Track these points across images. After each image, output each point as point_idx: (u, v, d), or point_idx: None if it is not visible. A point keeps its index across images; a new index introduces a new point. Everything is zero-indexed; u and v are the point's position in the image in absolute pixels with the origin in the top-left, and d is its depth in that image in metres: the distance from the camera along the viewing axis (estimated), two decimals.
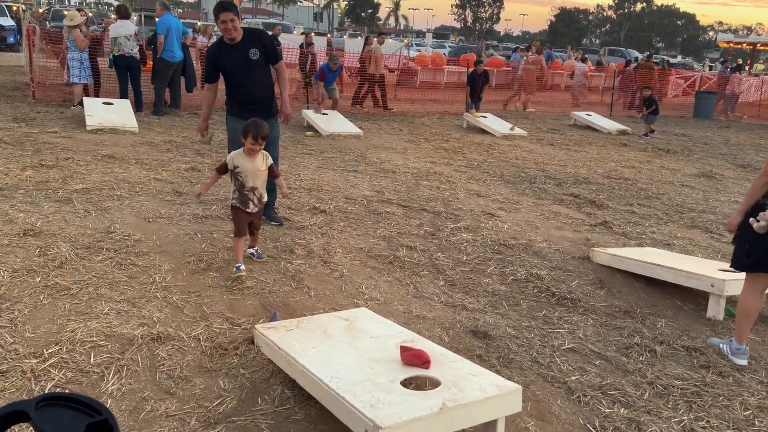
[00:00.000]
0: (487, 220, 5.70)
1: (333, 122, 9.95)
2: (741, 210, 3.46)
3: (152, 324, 3.20)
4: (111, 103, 9.01)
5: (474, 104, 12.78)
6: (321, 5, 66.52)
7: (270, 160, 4.08)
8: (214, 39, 10.95)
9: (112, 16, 14.46)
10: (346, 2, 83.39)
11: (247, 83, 4.67)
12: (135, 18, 17.44)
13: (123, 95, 9.77)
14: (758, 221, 3.24)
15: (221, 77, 4.73)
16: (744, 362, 3.45)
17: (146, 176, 6.03)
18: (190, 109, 10.56)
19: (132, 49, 9.70)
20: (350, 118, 10.65)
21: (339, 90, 11.93)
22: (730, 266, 3.58)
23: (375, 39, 13.97)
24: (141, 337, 3.04)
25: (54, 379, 2.66)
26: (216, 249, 4.32)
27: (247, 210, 3.96)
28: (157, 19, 10.35)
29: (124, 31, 9.61)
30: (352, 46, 19.28)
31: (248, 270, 4.05)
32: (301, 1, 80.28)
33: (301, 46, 13.96)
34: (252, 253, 4.22)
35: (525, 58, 17.10)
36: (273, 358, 2.88)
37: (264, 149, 4.12)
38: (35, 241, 4.09)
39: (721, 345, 3.58)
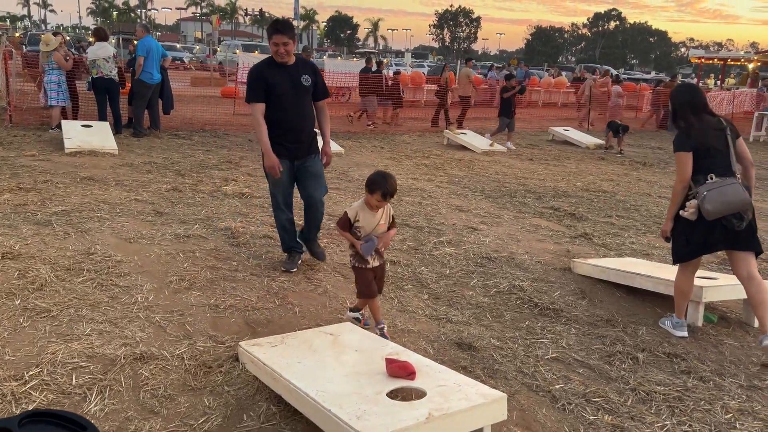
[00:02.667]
0: (469, 234, 5.75)
1: None
2: (669, 216, 3.89)
3: (135, 344, 3.17)
4: (90, 126, 8.97)
5: (510, 121, 12.01)
6: (300, 27, 66.99)
7: (392, 211, 3.55)
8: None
9: (90, 39, 14.42)
10: (325, 23, 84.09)
11: (294, 111, 4.17)
12: (113, 41, 17.42)
13: (102, 117, 9.73)
14: (686, 210, 3.69)
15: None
16: (684, 334, 3.87)
17: (126, 197, 5.99)
18: (169, 131, 10.53)
19: (111, 71, 9.69)
20: (331, 137, 10.70)
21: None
22: (673, 263, 3.95)
23: (465, 63, 16.04)
24: (123, 357, 3.01)
25: (35, 402, 2.61)
26: (198, 268, 4.30)
27: (367, 266, 3.47)
28: (136, 42, 10.37)
29: (103, 53, 9.61)
30: (332, 66, 19.40)
31: (230, 288, 4.04)
32: None
33: None
34: (379, 330, 3.51)
35: (594, 79, 17.92)
36: (258, 375, 2.86)
37: (312, 184, 4.21)
38: (14, 264, 4.04)
39: (665, 321, 4.01)
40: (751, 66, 26.07)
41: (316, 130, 4.42)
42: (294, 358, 2.80)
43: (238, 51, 22.29)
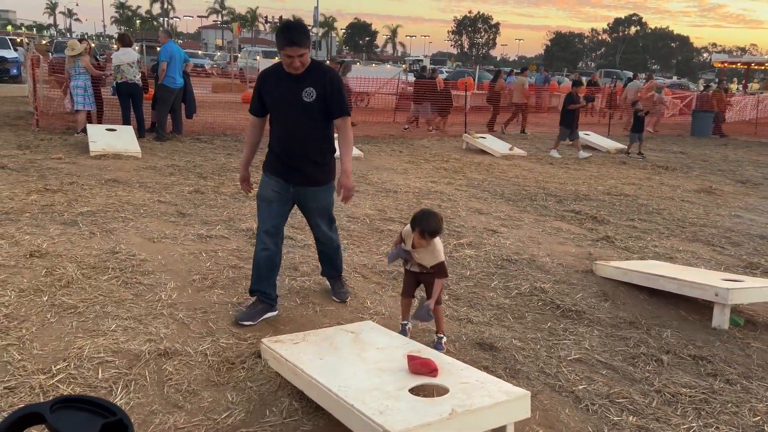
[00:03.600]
0: (489, 236, 5.73)
1: None
2: None
3: (159, 340, 3.21)
4: (114, 129, 9.11)
5: (573, 132, 11.67)
6: (319, 34, 67.48)
7: (437, 259, 3.30)
8: None
9: (114, 46, 14.68)
10: (344, 30, 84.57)
11: (288, 129, 3.46)
12: (137, 47, 17.71)
13: (125, 121, 9.88)
14: None
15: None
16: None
17: (150, 199, 6.07)
18: (191, 135, 10.66)
19: (134, 76, 9.85)
20: None
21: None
22: None
23: (519, 73, 16.88)
24: (148, 353, 3.05)
25: (62, 395, 2.65)
26: (221, 267, 4.34)
27: (406, 267, 3.47)
28: (158, 48, 10.53)
29: (127, 58, 9.76)
30: (351, 72, 19.51)
31: None
32: None
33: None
34: (435, 340, 3.43)
35: (642, 83, 18.38)
36: (280, 371, 2.88)
37: (312, 218, 3.64)
38: (41, 262, 4.11)
39: None
40: None
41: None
42: (316, 355, 2.82)
43: (258, 58, 22.52)
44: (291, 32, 3.23)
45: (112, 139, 8.66)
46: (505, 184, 8.43)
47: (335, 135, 3.60)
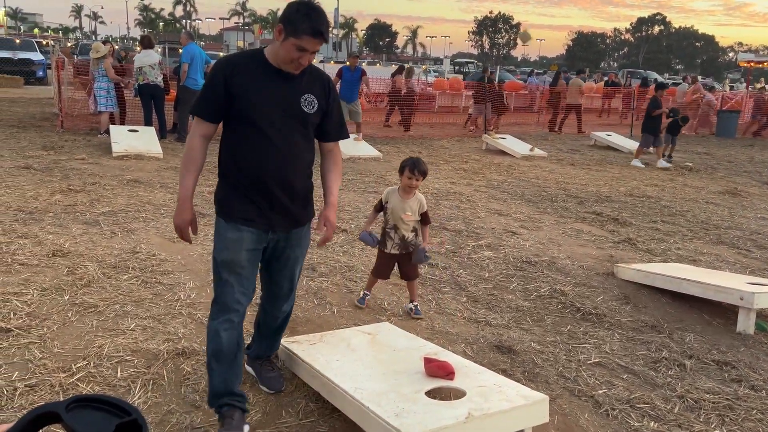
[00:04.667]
0: (508, 237, 5.68)
1: (353, 145, 10.04)
2: None
3: (177, 339, 3.23)
4: (136, 131, 9.23)
5: (657, 139, 11.03)
6: (339, 35, 67.70)
7: (425, 207, 3.69)
8: None
9: (137, 48, 14.90)
10: (364, 31, 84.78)
11: (277, 147, 2.41)
12: (159, 49, 17.95)
13: (147, 122, 10.00)
14: None
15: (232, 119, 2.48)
16: None
17: (170, 199, 6.13)
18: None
19: (156, 78, 9.96)
20: (370, 141, 10.75)
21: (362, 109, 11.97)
22: None
23: (575, 74, 17.35)
24: (166, 352, 3.07)
25: (81, 393, 2.68)
26: None
27: (385, 250, 3.71)
28: (181, 50, 10.65)
29: (149, 60, 9.88)
30: (371, 73, 19.53)
31: None
32: None
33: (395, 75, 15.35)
34: (410, 309, 3.83)
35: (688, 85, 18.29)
36: (297, 372, 2.88)
37: (280, 274, 2.64)
38: (63, 261, 4.17)
39: None
40: None
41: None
42: (332, 356, 2.81)
43: None
44: (321, 21, 2.32)
45: (134, 140, 8.77)
46: (525, 185, 8.36)
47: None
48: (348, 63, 11.31)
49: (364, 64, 28.80)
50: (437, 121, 16.28)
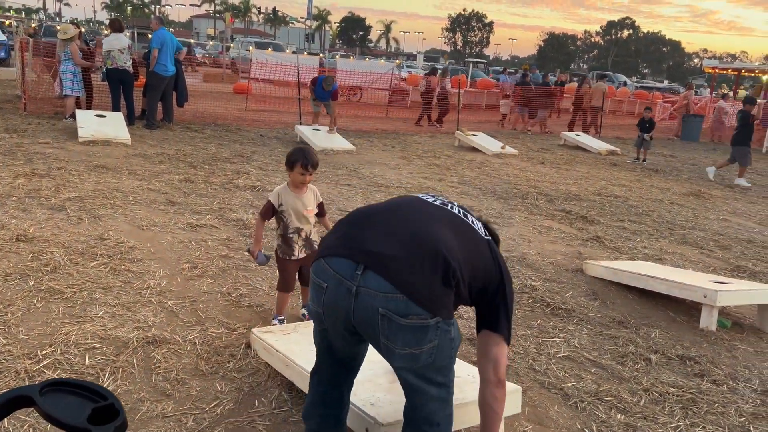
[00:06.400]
0: None
1: (326, 138, 10.00)
2: None
3: (147, 327, 3.17)
4: (103, 116, 9.01)
5: (746, 153, 10.36)
6: (313, 27, 67.16)
7: (320, 198, 3.45)
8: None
9: (105, 32, 14.54)
10: (338, 24, 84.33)
11: None
12: (128, 34, 17.56)
13: (115, 108, 9.77)
14: None
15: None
16: None
17: (139, 186, 6.01)
18: (181, 124, 10.56)
19: (125, 63, 9.73)
20: (343, 134, 10.71)
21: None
22: None
23: (593, 79, 18.32)
24: (136, 340, 3.01)
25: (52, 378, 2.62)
26: (210, 257, 4.30)
27: (292, 258, 3.34)
28: (150, 35, 10.42)
29: (118, 44, 9.65)
30: (344, 65, 19.45)
31: (243, 277, 4.04)
32: (293, 23, 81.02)
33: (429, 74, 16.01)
34: (305, 314, 3.55)
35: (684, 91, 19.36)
36: (270, 361, 2.86)
37: None
38: (28, 247, 4.05)
39: None
40: (765, 78, 25.91)
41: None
42: (307, 345, 2.79)
43: (251, 48, 22.37)
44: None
45: (102, 125, 8.56)
46: (497, 182, 8.45)
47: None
48: (326, 77, 11.19)
49: (337, 56, 28.69)
50: (411, 117, 16.30)
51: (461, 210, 2.13)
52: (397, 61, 27.10)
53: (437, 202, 2.11)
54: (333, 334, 1.97)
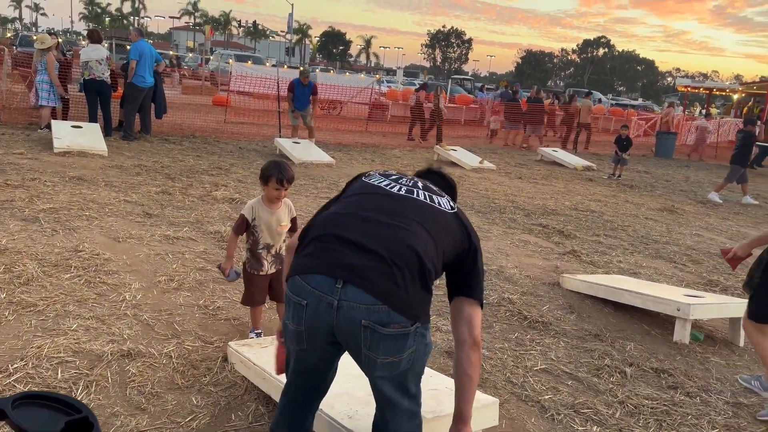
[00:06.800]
0: None
1: (306, 151, 10.00)
2: (750, 244, 3.49)
3: (122, 341, 3.13)
4: (80, 126, 8.90)
5: (739, 171, 10.46)
6: (293, 40, 67.34)
7: (294, 212, 3.36)
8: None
9: (83, 42, 14.40)
10: (318, 38, 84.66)
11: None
12: (106, 45, 17.41)
13: (92, 119, 9.66)
14: None
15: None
16: None
17: (116, 198, 5.94)
18: (159, 135, 10.48)
19: (103, 74, 9.65)
20: (323, 147, 10.72)
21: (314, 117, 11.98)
22: (754, 320, 3.45)
23: (582, 97, 18.45)
24: (110, 354, 2.96)
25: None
26: (187, 269, 4.26)
27: (261, 273, 3.27)
28: (128, 46, 10.35)
29: (96, 55, 9.57)
30: (324, 79, 19.51)
31: (220, 290, 4.01)
32: (273, 36, 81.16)
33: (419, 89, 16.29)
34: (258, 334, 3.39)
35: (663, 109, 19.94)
36: (247, 375, 2.83)
37: None
38: (0, 258, 3.97)
39: (752, 382, 3.57)
40: (735, 96, 26.58)
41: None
42: None
43: (231, 61, 22.35)
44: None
45: (78, 136, 8.46)
46: (475, 197, 8.51)
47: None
48: (299, 78, 11.28)
49: (317, 70, 28.76)
50: (390, 131, 16.40)
51: (427, 193, 2.11)
52: (377, 75, 27.27)
53: (403, 191, 2.08)
54: (311, 351, 1.95)
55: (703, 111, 27.28)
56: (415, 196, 2.07)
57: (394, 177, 2.16)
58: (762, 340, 3.44)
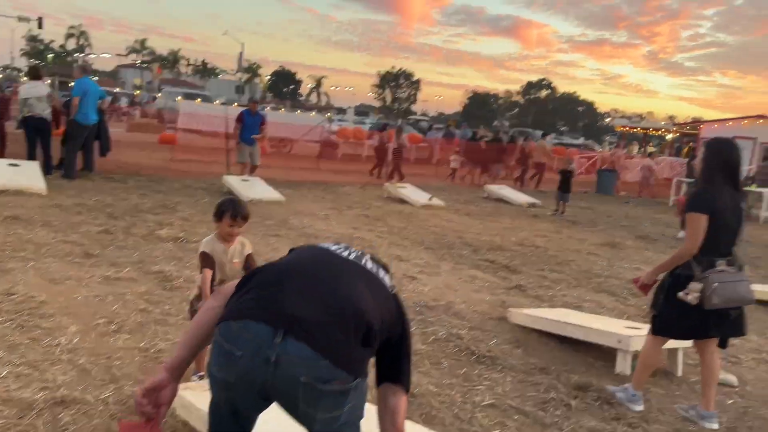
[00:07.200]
0: (408, 282, 5.79)
1: (254, 188, 9.93)
2: (656, 270, 3.73)
3: (55, 387, 2.98)
4: (17, 165, 8.60)
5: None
6: (243, 79, 67.42)
7: (250, 248, 3.29)
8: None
9: (24, 79, 14.05)
10: (268, 77, 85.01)
11: None
12: (48, 81, 17.04)
13: (31, 157, 9.36)
14: (688, 293, 3.38)
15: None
16: (641, 408, 3.65)
17: (54, 238, 5.73)
18: (103, 174, 10.22)
19: (43, 111, 9.40)
20: (272, 184, 10.67)
21: (262, 151, 11.91)
22: (654, 333, 3.66)
23: (544, 138, 20.13)
24: (43, 401, 2.82)
25: None
26: (128, 311, 4.13)
27: None
28: (72, 84, 10.16)
29: (36, 92, 9.35)
30: (274, 118, 19.55)
31: (162, 332, 3.89)
32: (222, 74, 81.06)
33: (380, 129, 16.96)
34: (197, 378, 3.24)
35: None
36: (189, 419, 2.74)
37: None
38: None
39: (618, 393, 3.75)
40: (669, 136, 28.00)
41: None
42: None
43: (179, 99, 22.17)
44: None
45: (15, 174, 8.17)
46: (425, 233, 8.61)
47: None
48: (249, 107, 11.34)
49: (267, 108, 28.81)
50: (341, 168, 16.50)
51: (372, 263, 2.11)
52: (328, 114, 27.53)
53: (351, 256, 2.07)
54: (240, 401, 1.88)
55: (642, 150, 28.58)
56: (363, 263, 2.07)
57: (343, 246, 2.17)
58: (654, 352, 3.73)
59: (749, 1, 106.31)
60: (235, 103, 22.78)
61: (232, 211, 3.10)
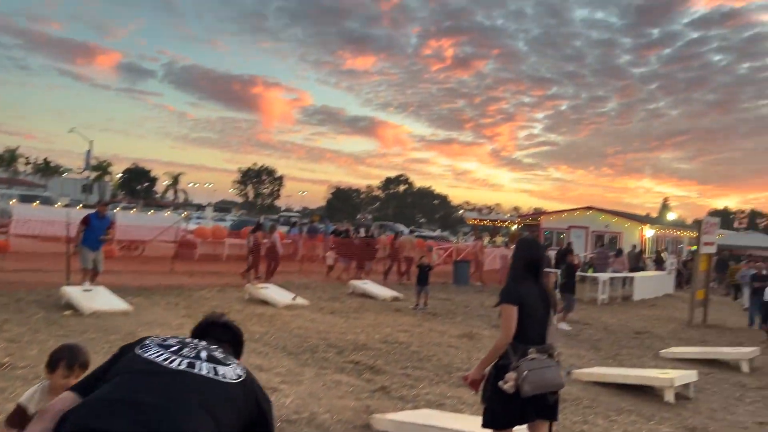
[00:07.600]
0: (269, 395, 5.48)
1: (96, 298, 9.11)
2: (480, 367, 3.79)
3: None
4: None
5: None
6: (91, 177, 63.68)
7: None
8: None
9: None
10: (120, 175, 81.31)
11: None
12: None
13: None
14: (505, 382, 3.48)
15: None
16: None
17: None
18: None
19: None
20: (119, 292, 9.89)
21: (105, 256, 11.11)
22: (484, 426, 3.72)
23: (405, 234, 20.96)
24: None
25: None
26: None
27: None
28: None
29: None
30: (124, 219, 18.49)
31: None
32: (68, 173, 76.11)
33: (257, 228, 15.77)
34: None
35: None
36: None
37: None
38: None
39: None
40: (513, 227, 30.40)
41: None
42: None
43: (13, 201, 20.30)
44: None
45: None
46: (287, 336, 8.35)
47: None
48: (97, 210, 10.67)
49: (118, 208, 27.27)
50: (198, 269, 15.78)
51: (210, 364, 1.97)
52: (185, 213, 26.64)
53: (183, 365, 1.91)
54: None
55: (493, 241, 30.68)
56: (196, 370, 1.92)
57: (174, 348, 2.00)
58: None
59: (571, 108, 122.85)
60: (80, 205, 21.37)
61: (68, 359, 2.68)
